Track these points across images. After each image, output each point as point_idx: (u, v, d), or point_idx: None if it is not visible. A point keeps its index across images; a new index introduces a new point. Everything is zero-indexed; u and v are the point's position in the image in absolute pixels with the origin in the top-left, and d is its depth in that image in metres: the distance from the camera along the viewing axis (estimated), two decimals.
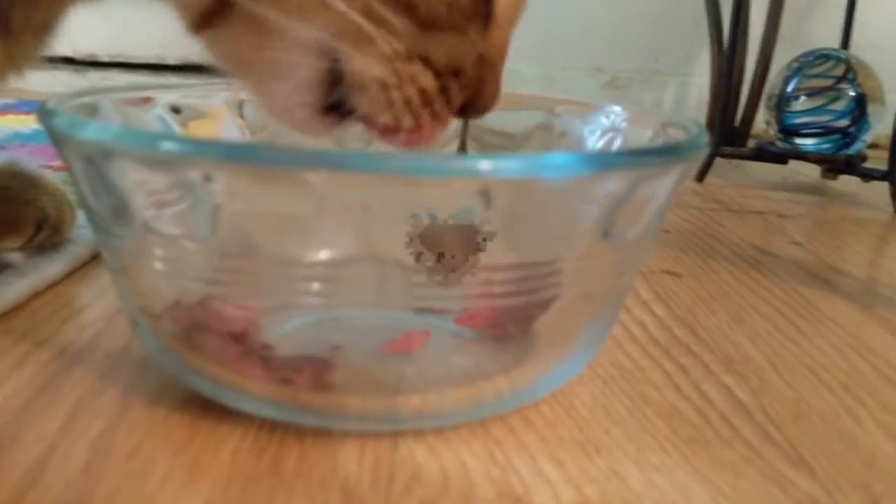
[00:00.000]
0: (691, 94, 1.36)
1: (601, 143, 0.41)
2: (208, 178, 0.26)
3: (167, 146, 0.25)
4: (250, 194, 0.28)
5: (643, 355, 0.40)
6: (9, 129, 0.85)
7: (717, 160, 0.90)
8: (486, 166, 0.25)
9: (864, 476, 0.30)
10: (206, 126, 0.41)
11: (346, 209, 0.28)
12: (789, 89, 0.88)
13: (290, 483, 0.28)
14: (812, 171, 0.95)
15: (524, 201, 0.29)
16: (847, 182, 0.91)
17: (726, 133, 0.97)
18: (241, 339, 0.30)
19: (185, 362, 0.31)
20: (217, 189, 0.27)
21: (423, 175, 0.25)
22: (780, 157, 0.90)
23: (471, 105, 0.32)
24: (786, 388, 0.37)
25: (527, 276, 0.30)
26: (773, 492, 0.29)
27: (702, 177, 0.90)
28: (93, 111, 0.34)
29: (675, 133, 0.36)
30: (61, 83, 1.24)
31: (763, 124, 0.96)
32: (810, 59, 0.89)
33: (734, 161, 1.00)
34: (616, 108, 0.41)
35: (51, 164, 0.54)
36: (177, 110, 0.38)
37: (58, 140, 0.28)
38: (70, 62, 1.29)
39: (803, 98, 0.88)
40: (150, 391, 0.33)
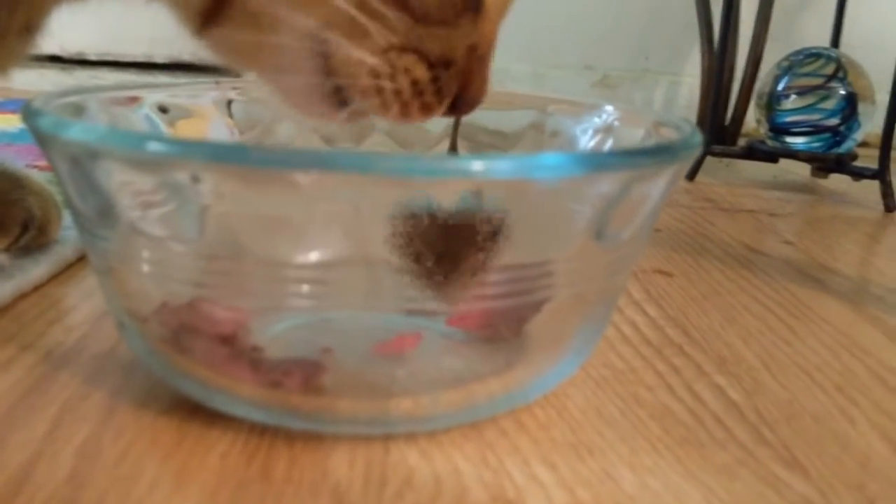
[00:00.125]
0: (682, 92, 1.36)
1: (593, 143, 0.41)
2: (196, 179, 0.26)
3: (154, 147, 0.25)
4: (239, 195, 0.27)
5: (635, 356, 0.40)
6: None
7: (707, 159, 0.90)
8: (478, 167, 0.24)
9: (859, 477, 0.30)
10: (194, 125, 0.40)
11: (336, 210, 0.27)
12: (780, 88, 0.88)
13: (280, 488, 0.27)
14: (802, 170, 0.95)
15: (516, 202, 0.28)
16: (837, 180, 0.91)
17: (717, 132, 0.97)
18: (229, 341, 0.30)
19: (173, 365, 0.31)
20: (205, 190, 0.26)
21: (415, 176, 0.25)
22: (771, 156, 0.90)
23: (460, 98, 0.32)
24: (779, 389, 0.37)
25: (519, 278, 0.29)
26: (767, 493, 0.29)
27: (693, 175, 0.90)
28: (79, 111, 0.34)
29: (667, 132, 0.36)
30: (49, 82, 1.23)
31: (753, 123, 0.97)
32: (800, 57, 0.89)
33: (725, 160, 1.00)
34: (608, 108, 0.41)
35: (37, 164, 0.54)
36: (164, 110, 0.38)
37: (43, 140, 0.28)
38: (57, 60, 1.27)
39: (794, 97, 0.88)
40: (138, 395, 0.33)
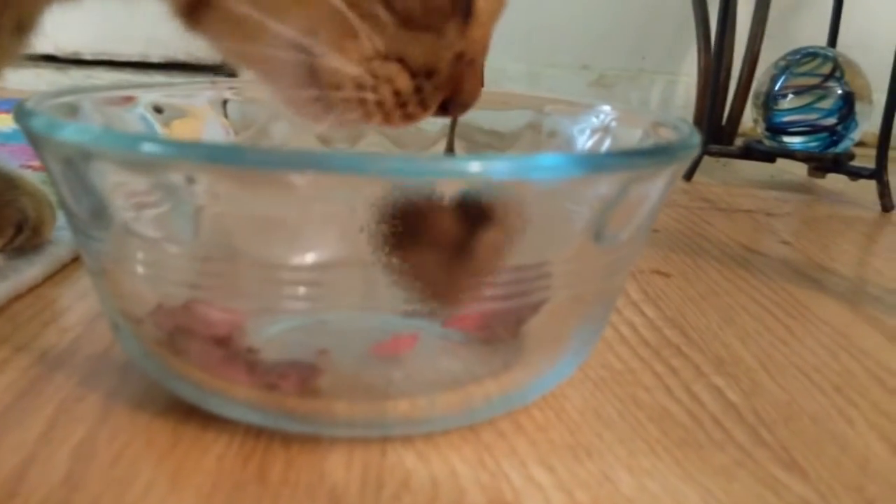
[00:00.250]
0: (678, 92, 1.36)
1: (590, 143, 0.41)
2: (191, 180, 0.26)
3: (148, 148, 0.24)
4: (234, 196, 0.27)
5: (633, 357, 0.40)
6: None
7: (704, 158, 0.90)
8: (475, 168, 0.24)
9: (858, 479, 0.30)
10: (189, 126, 0.40)
11: (331, 211, 0.27)
12: (777, 87, 0.88)
13: (277, 490, 0.27)
14: (799, 170, 0.95)
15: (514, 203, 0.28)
16: (834, 180, 0.91)
17: (714, 131, 0.97)
18: (225, 343, 0.29)
19: (168, 367, 0.31)
20: (200, 191, 0.26)
21: (411, 176, 0.25)
22: (768, 156, 0.90)
23: (451, 102, 0.32)
24: (777, 390, 0.37)
25: (517, 279, 0.29)
26: (766, 495, 0.29)
27: (690, 175, 0.90)
28: (72, 111, 0.34)
29: (665, 133, 0.35)
30: (44, 81, 1.23)
31: (750, 122, 0.97)
32: (797, 57, 0.89)
33: (721, 159, 1.00)
34: (605, 108, 0.41)
35: (31, 164, 0.53)
36: (159, 110, 0.38)
37: (36, 141, 0.28)
38: (53, 60, 1.27)
39: (791, 96, 0.88)
40: (133, 397, 0.32)
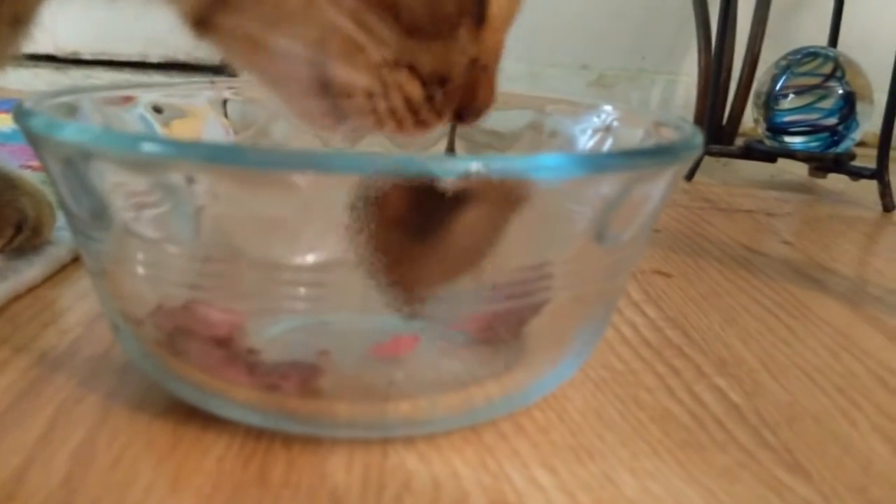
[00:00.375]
0: (678, 92, 1.36)
1: (592, 143, 0.40)
2: (191, 180, 0.25)
3: (148, 148, 0.24)
4: (234, 196, 0.27)
5: (635, 357, 0.39)
6: None
7: (705, 158, 0.90)
8: (476, 167, 0.24)
9: (861, 480, 0.30)
10: (188, 125, 0.40)
11: (332, 211, 0.27)
12: (777, 87, 0.88)
13: (278, 492, 0.27)
14: (800, 170, 0.95)
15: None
16: (835, 180, 0.91)
17: (714, 131, 0.97)
18: (225, 344, 0.29)
19: (168, 368, 0.31)
20: (200, 191, 0.26)
21: (413, 176, 0.24)
22: (769, 156, 0.90)
23: (464, 109, 0.32)
24: (779, 391, 0.37)
25: (518, 280, 0.29)
26: (769, 497, 0.29)
27: (691, 175, 0.90)
28: (72, 111, 0.34)
29: (667, 133, 0.35)
30: (43, 81, 1.23)
31: (751, 122, 0.96)
32: (798, 56, 0.88)
33: (722, 159, 1.00)
34: (607, 108, 0.41)
35: (30, 164, 0.53)
36: (159, 110, 0.37)
37: (35, 141, 0.28)
38: (52, 60, 1.27)
39: (791, 96, 0.87)
40: (132, 398, 0.32)
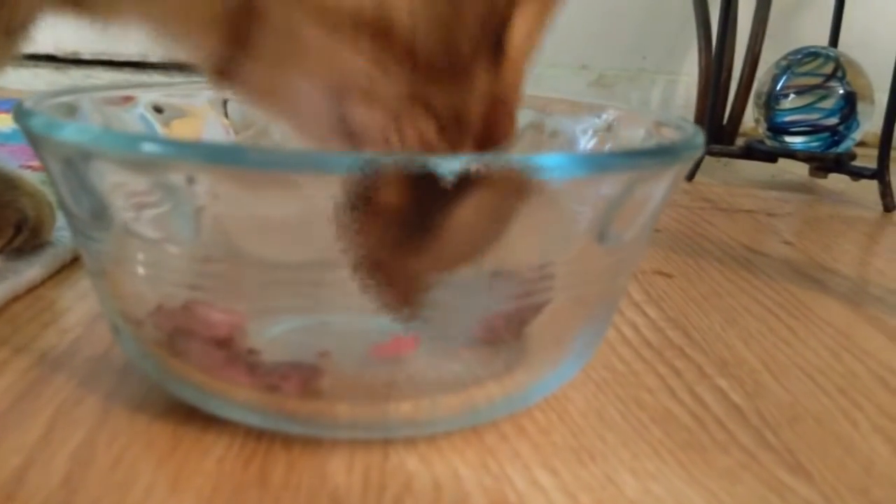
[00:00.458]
0: (679, 92, 1.36)
1: (593, 143, 0.40)
2: (191, 180, 0.25)
3: (148, 148, 0.24)
4: (234, 197, 0.27)
5: (636, 358, 0.39)
6: None
7: (705, 158, 0.90)
8: (476, 167, 0.24)
9: (863, 481, 0.30)
10: (189, 125, 0.40)
11: (332, 211, 0.27)
12: (778, 87, 0.88)
13: (278, 493, 0.27)
14: (800, 170, 0.95)
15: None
16: (836, 180, 0.91)
17: (715, 131, 0.97)
18: (225, 344, 0.29)
19: (168, 369, 0.31)
20: (200, 191, 0.26)
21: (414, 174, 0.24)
22: (770, 156, 0.90)
23: (481, 144, 0.31)
24: (781, 391, 0.37)
25: (519, 280, 0.29)
26: (771, 498, 0.28)
27: (691, 175, 0.90)
28: (72, 111, 0.34)
29: (668, 133, 0.35)
30: (43, 81, 1.23)
31: (751, 122, 0.96)
32: (799, 56, 0.88)
33: (722, 159, 1.00)
34: (608, 108, 0.41)
35: (30, 164, 0.53)
36: (159, 109, 0.37)
37: (35, 141, 0.28)
38: (52, 60, 1.27)
39: (792, 96, 0.87)
40: (132, 398, 0.32)
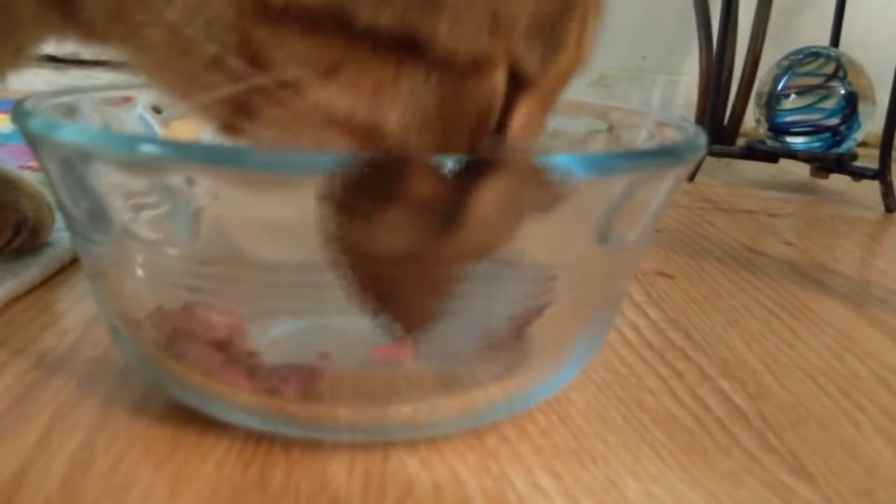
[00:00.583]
0: (679, 92, 1.35)
1: (594, 144, 0.40)
2: (191, 181, 0.25)
3: (147, 149, 0.24)
4: (234, 198, 0.27)
5: (637, 360, 0.39)
6: None
7: (706, 159, 0.89)
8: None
9: (866, 483, 0.30)
10: (188, 126, 0.39)
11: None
12: (779, 87, 0.88)
13: (278, 497, 0.27)
14: (801, 170, 0.95)
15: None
16: (837, 181, 0.91)
17: (715, 131, 0.96)
18: (225, 346, 0.29)
19: (167, 372, 0.30)
20: (199, 193, 0.26)
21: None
22: (771, 156, 0.89)
23: None
24: (783, 393, 0.37)
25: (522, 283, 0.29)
26: (774, 501, 0.28)
27: (692, 176, 0.89)
28: (71, 111, 0.33)
29: (670, 133, 0.35)
30: (43, 81, 1.22)
31: (752, 123, 0.96)
32: (800, 56, 0.88)
33: (723, 160, 1.00)
34: (609, 108, 0.40)
35: (30, 165, 0.53)
36: (158, 110, 0.37)
37: (33, 142, 0.27)
38: (52, 60, 1.27)
39: (793, 96, 0.87)
40: (131, 401, 0.32)
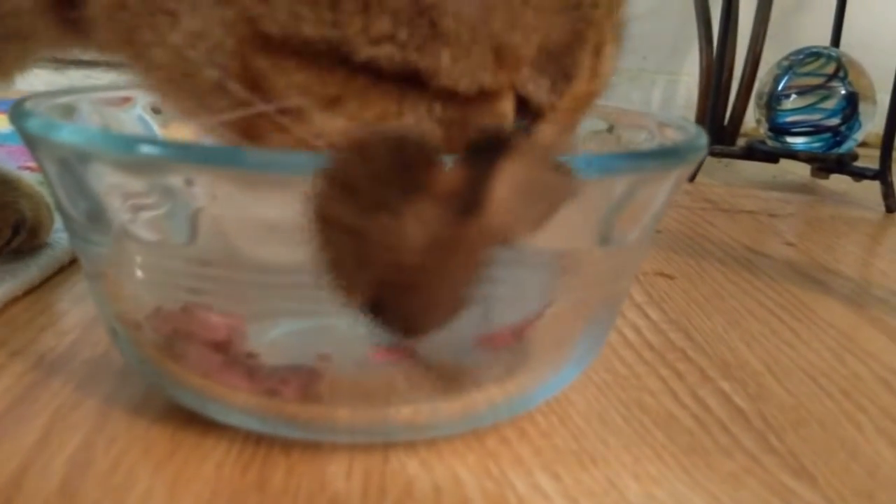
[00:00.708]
0: (680, 92, 1.35)
1: (595, 145, 0.40)
2: (190, 182, 0.25)
3: (146, 150, 0.24)
4: (233, 199, 0.27)
5: (638, 360, 0.39)
6: None
7: (707, 159, 0.89)
8: None
9: (867, 485, 0.30)
10: (187, 127, 0.39)
11: None
12: (780, 88, 0.88)
13: (277, 499, 0.26)
14: (802, 170, 0.95)
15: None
16: (838, 181, 0.91)
17: (716, 132, 0.96)
18: (224, 347, 0.29)
19: (166, 373, 0.30)
20: (199, 193, 0.26)
21: None
22: (771, 156, 0.89)
23: None
24: (784, 394, 0.36)
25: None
26: (775, 502, 0.28)
27: (693, 176, 0.89)
28: (70, 112, 0.33)
29: (671, 133, 0.35)
30: (42, 81, 1.22)
31: (752, 123, 0.96)
32: (801, 56, 0.88)
33: (724, 160, 1.00)
34: (609, 108, 0.40)
35: (29, 166, 0.53)
36: (157, 110, 0.37)
37: (31, 142, 0.27)
38: (51, 60, 1.27)
39: (794, 96, 0.87)
40: (130, 402, 0.32)
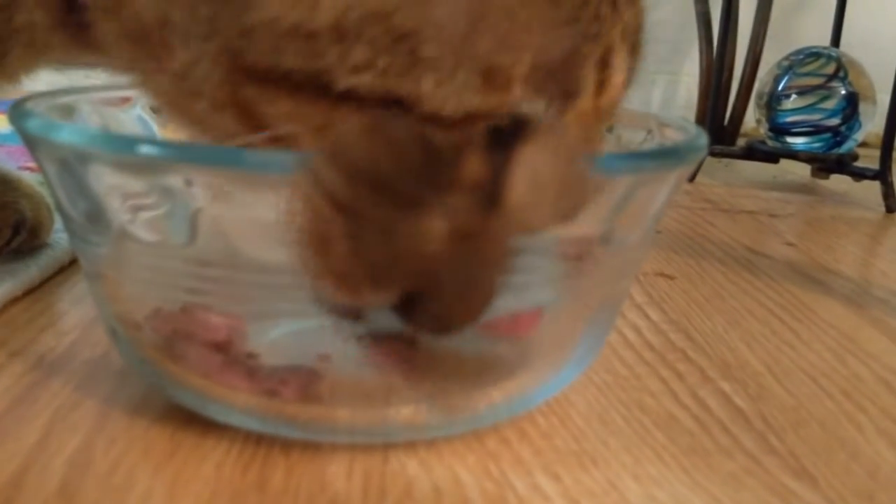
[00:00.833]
0: (680, 92, 1.35)
1: None
2: (189, 182, 0.25)
3: (145, 150, 0.24)
4: (233, 199, 0.27)
5: (638, 361, 0.39)
6: None
7: (707, 159, 0.89)
8: None
9: (868, 486, 0.30)
10: None
11: None
12: (780, 88, 0.88)
13: (277, 499, 0.26)
14: (802, 170, 0.95)
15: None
16: (838, 181, 0.91)
17: (716, 132, 0.96)
18: (224, 348, 0.29)
19: (166, 374, 0.30)
20: (198, 194, 0.26)
21: None
22: (771, 156, 0.89)
23: None
24: (785, 395, 0.36)
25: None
26: (775, 503, 0.28)
27: (693, 176, 0.89)
28: (69, 112, 0.33)
29: (671, 133, 0.35)
30: (42, 81, 1.22)
31: (752, 123, 0.96)
32: (801, 56, 0.88)
33: (724, 160, 1.00)
34: None
35: (29, 166, 0.53)
36: (157, 110, 0.37)
37: (31, 143, 0.27)
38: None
39: (794, 96, 0.87)
40: (130, 403, 0.32)
